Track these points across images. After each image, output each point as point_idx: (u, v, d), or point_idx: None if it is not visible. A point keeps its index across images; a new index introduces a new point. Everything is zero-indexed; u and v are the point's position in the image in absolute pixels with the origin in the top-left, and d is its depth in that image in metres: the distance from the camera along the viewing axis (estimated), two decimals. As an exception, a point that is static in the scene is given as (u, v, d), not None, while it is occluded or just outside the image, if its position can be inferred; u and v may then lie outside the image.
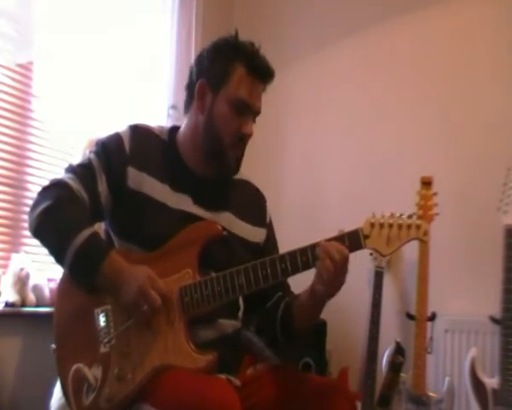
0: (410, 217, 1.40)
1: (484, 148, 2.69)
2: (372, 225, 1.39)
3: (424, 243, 1.43)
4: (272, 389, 1.47)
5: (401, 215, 1.40)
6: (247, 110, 1.51)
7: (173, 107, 2.72)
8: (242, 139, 1.52)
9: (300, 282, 1.52)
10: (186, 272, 1.42)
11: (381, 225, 1.39)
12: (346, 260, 1.36)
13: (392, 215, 1.40)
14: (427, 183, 2.40)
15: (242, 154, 1.55)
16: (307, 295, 1.47)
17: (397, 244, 1.39)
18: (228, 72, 1.49)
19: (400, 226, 1.38)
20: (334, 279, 1.36)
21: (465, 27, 2.81)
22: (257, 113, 1.55)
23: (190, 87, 1.56)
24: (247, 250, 1.56)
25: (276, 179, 3.15)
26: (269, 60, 1.54)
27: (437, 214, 2.35)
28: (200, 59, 1.57)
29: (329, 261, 1.35)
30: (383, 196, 2.81)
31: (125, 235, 1.50)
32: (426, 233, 1.39)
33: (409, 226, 1.39)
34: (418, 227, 1.39)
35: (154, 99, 2.82)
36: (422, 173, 2.44)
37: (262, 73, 1.52)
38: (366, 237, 1.39)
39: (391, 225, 1.39)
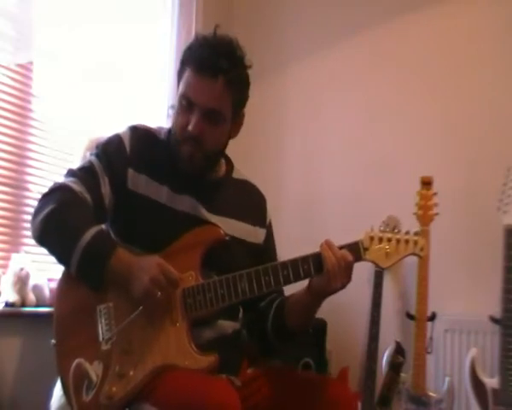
0: (407, 233, 1.45)
1: (484, 148, 2.69)
2: (371, 238, 1.43)
3: (421, 258, 1.51)
4: (273, 388, 1.47)
5: (399, 231, 1.45)
6: (193, 106, 1.47)
7: (173, 107, 2.71)
8: (191, 136, 1.47)
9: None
10: (189, 274, 1.42)
11: (380, 239, 1.43)
12: (348, 261, 1.39)
13: (391, 230, 1.45)
14: (427, 183, 2.41)
15: (200, 153, 1.49)
16: (304, 291, 1.47)
17: (395, 258, 1.44)
18: (181, 74, 1.52)
19: (398, 241, 1.43)
20: (336, 273, 1.38)
21: (465, 27, 2.81)
22: (204, 108, 1.47)
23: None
24: (247, 252, 1.56)
25: (275, 180, 3.15)
26: (268, 60, 1.53)
27: (437, 214, 2.36)
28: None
29: (331, 253, 1.38)
30: (383, 196, 2.81)
31: (126, 236, 1.50)
32: (423, 249, 1.45)
33: (406, 241, 1.44)
34: (416, 243, 1.44)
35: (154, 99, 2.82)
36: (422, 173, 2.44)
37: (205, 68, 1.46)
38: (366, 249, 1.43)
39: (389, 240, 1.43)
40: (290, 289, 1.58)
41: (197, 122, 1.47)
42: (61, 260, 1.42)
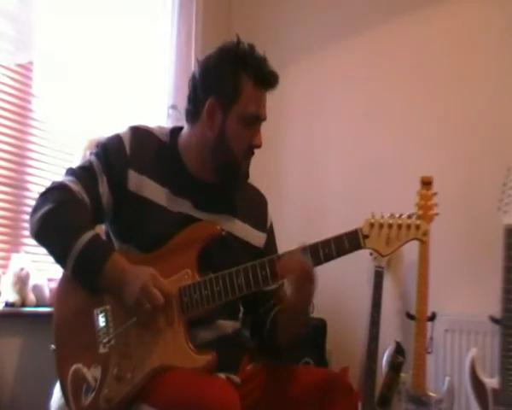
0: (409, 217, 1.40)
1: (484, 148, 2.69)
2: (372, 225, 1.39)
3: (423, 243, 1.44)
4: (273, 384, 1.47)
5: (401, 215, 1.40)
6: (257, 121, 1.51)
7: (173, 107, 2.72)
8: (253, 150, 1.52)
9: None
10: (185, 273, 1.42)
11: (381, 226, 1.39)
12: (306, 271, 1.38)
13: (391, 215, 1.40)
14: (427, 183, 2.40)
15: (249, 162, 1.56)
16: (285, 307, 1.50)
17: (396, 244, 1.39)
18: (238, 89, 1.46)
19: (400, 226, 1.38)
20: (299, 289, 1.40)
21: (466, 27, 2.81)
22: (264, 119, 1.55)
23: (195, 101, 1.52)
24: (248, 253, 1.56)
25: (276, 178, 3.15)
26: (268, 60, 1.53)
27: (437, 214, 2.35)
28: (206, 73, 1.51)
29: (291, 274, 1.40)
30: (383, 195, 2.81)
31: (124, 237, 1.50)
32: (425, 233, 1.39)
33: (408, 226, 1.39)
34: (417, 227, 1.39)
35: (154, 99, 2.82)
36: (422, 173, 2.43)
37: (269, 83, 1.51)
38: (365, 236, 1.39)
39: (390, 226, 1.38)
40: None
41: (260, 134, 1.52)
42: (56, 259, 1.42)
